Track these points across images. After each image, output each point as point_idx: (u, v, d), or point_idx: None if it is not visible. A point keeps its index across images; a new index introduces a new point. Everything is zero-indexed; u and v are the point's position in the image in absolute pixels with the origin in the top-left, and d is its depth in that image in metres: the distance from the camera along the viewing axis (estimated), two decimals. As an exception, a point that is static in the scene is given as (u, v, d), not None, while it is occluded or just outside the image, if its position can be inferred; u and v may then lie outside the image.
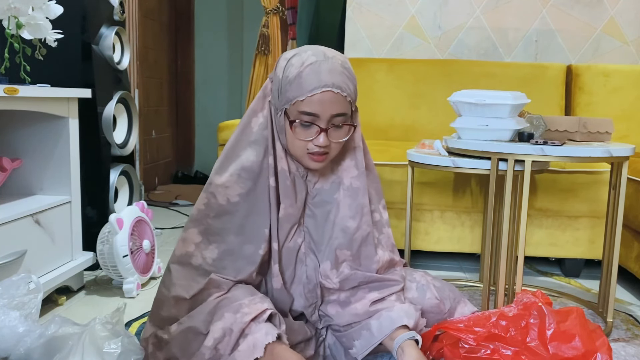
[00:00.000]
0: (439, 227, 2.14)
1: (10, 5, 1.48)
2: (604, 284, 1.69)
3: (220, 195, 1.17)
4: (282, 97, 1.11)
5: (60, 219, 1.73)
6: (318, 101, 1.07)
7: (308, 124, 1.10)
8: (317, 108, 1.08)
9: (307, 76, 1.07)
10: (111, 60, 2.07)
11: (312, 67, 1.08)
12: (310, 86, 1.07)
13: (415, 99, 2.61)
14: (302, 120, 1.10)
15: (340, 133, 1.13)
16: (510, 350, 1.27)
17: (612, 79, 2.57)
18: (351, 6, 2.85)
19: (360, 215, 1.21)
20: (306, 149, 1.13)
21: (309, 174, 1.22)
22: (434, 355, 1.35)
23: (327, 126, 1.10)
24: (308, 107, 1.08)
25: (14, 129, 1.75)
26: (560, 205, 2.04)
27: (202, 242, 1.18)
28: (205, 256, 1.18)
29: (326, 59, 1.09)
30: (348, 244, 1.21)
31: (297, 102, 1.08)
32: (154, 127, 3.96)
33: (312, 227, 1.23)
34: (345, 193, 1.21)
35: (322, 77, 1.07)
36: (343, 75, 1.09)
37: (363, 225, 1.22)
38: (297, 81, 1.08)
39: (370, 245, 1.23)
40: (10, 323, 1.20)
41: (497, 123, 1.55)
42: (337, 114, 1.10)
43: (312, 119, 1.09)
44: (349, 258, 1.22)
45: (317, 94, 1.06)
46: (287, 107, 1.11)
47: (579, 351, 1.23)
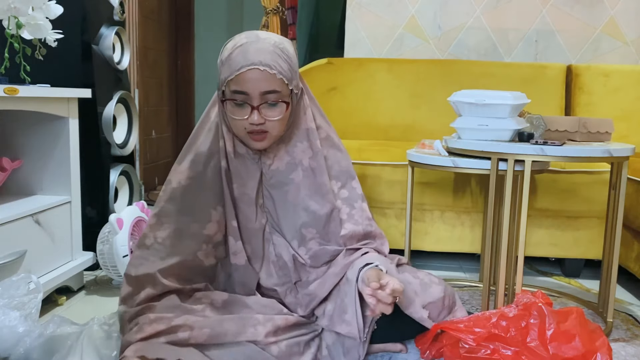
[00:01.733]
0: (439, 227, 2.14)
1: (10, 5, 1.48)
2: (604, 284, 1.69)
3: (174, 180, 1.23)
4: (219, 79, 1.16)
5: (60, 219, 1.73)
6: (246, 79, 1.11)
7: (241, 103, 1.14)
8: (245, 86, 1.12)
9: (236, 57, 1.12)
10: (111, 60, 2.07)
11: (241, 48, 1.12)
12: (238, 65, 1.11)
13: (415, 99, 2.61)
14: (234, 99, 1.13)
15: (274, 111, 1.16)
16: (510, 351, 1.27)
17: (612, 79, 2.57)
18: (351, 6, 2.85)
19: (321, 193, 1.25)
20: (245, 129, 1.16)
21: (263, 156, 1.25)
22: (434, 355, 1.35)
23: (258, 104, 1.13)
24: (237, 86, 1.12)
25: (14, 129, 1.75)
26: (560, 205, 2.04)
27: (155, 223, 1.24)
28: (157, 236, 1.23)
29: (257, 40, 1.14)
30: (313, 222, 1.25)
31: (229, 82, 1.13)
32: (154, 127, 3.95)
33: (272, 208, 1.27)
34: (304, 174, 1.25)
35: (248, 56, 1.11)
36: (273, 54, 1.13)
37: (326, 203, 1.25)
38: (227, 62, 1.13)
39: (335, 222, 1.27)
40: (10, 323, 1.20)
41: (497, 123, 1.55)
42: (268, 91, 1.13)
43: (244, 97, 1.13)
44: (315, 236, 1.26)
45: (243, 72, 1.11)
46: (223, 89, 1.15)
47: (579, 351, 1.23)
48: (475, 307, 1.79)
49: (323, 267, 1.29)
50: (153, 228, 1.25)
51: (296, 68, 1.20)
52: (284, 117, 1.18)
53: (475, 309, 1.75)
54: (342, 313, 1.22)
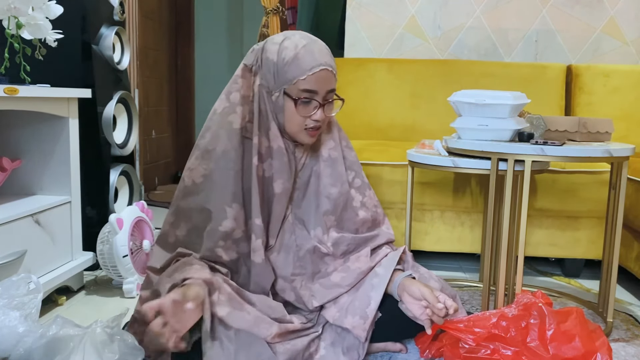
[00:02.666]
0: (439, 227, 2.14)
1: (10, 5, 1.48)
2: (604, 284, 1.69)
3: (187, 179, 1.26)
4: (280, 79, 1.20)
5: (60, 219, 1.73)
6: (316, 79, 1.18)
7: (308, 101, 1.20)
8: (315, 85, 1.19)
9: (304, 57, 1.18)
10: (111, 60, 2.07)
11: (305, 49, 1.18)
12: (309, 65, 1.17)
13: (415, 99, 2.61)
14: (303, 97, 1.20)
15: (331, 107, 1.26)
16: (510, 351, 1.27)
17: (612, 79, 2.57)
18: (351, 6, 2.85)
19: (340, 182, 1.33)
20: (304, 125, 1.23)
21: (296, 150, 1.31)
22: (434, 354, 1.35)
23: (323, 102, 1.21)
24: (308, 85, 1.18)
25: (14, 129, 1.75)
26: (560, 205, 2.04)
27: (174, 221, 1.27)
28: (177, 234, 1.26)
29: (314, 40, 1.22)
30: (332, 210, 1.32)
31: (298, 81, 1.18)
32: (154, 127, 3.96)
33: (298, 199, 1.32)
34: (325, 164, 1.32)
35: (316, 57, 1.18)
36: (330, 55, 1.22)
37: (343, 191, 1.33)
38: (296, 62, 1.18)
39: (351, 209, 1.35)
40: (10, 323, 1.20)
41: (497, 123, 1.55)
42: (330, 90, 1.21)
43: (311, 95, 1.20)
44: (333, 223, 1.33)
45: (315, 72, 1.17)
46: (286, 86, 1.20)
47: (579, 351, 1.23)
48: (475, 307, 1.79)
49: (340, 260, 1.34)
50: (173, 226, 1.27)
51: None
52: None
53: (475, 309, 1.75)
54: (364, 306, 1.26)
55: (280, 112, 1.23)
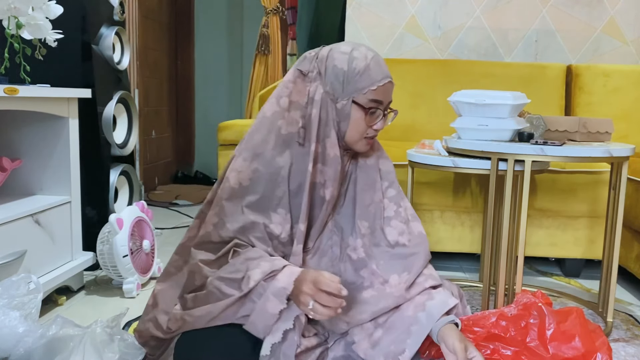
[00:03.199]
0: (439, 227, 2.14)
1: (10, 5, 1.48)
2: (604, 284, 1.69)
3: (232, 180, 1.24)
4: (350, 87, 1.22)
5: (60, 219, 1.73)
6: (384, 90, 1.23)
7: (374, 111, 1.24)
8: (382, 96, 1.23)
9: (374, 68, 1.22)
10: (111, 60, 2.07)
11: (374, 60, 1.23)
12: (379, 76, 1.22)
13: (415, 99, 2.61)
14: (372, 106, 1.24)
15: (388, 119, 1.29)
16: (510, 351, 1.27)
17: (612, 79, 2.57)
18: (351, 6, 2.85)
19: (373, 190, 1.33)
20: (365, 134, 1.26)
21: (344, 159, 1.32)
22: (434, 355, 1.35)
23: (386, 112, 1.27)
24: (377, 96, 1.22)
25: (14, 129, 1.75)
26: (560, 205, 2.04)
27: (218, 222, 1.24)
28: (222, 235, 1.23)
29: (378, 54, 1.26)
30: (364, 216, 1.32)
31: (370, 91, 1.22)
32: (154, 127, 3.96)
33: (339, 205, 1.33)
34: (360, 170, 1.34)
35: (384, 70, 1.23)
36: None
37: (376, 199, 1.33)
38: (368, 73, 1.21)
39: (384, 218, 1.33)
40: (10, 323, 1.20)
41: (497, 123, 1.55)
42: (390, 101, 1.27)
43: (377, 105, 1.24)
44: (367, 231, 1.32)
45: (385, 84, 1.23)
46: (355, 95, 1.23)
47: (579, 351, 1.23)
48: (475, 307, 1.79)
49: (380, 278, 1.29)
50: (217, 227, 1.24)
51: None
52: None
53: (475, 309, 1.75)
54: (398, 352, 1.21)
55: (344, 119, 1.25)
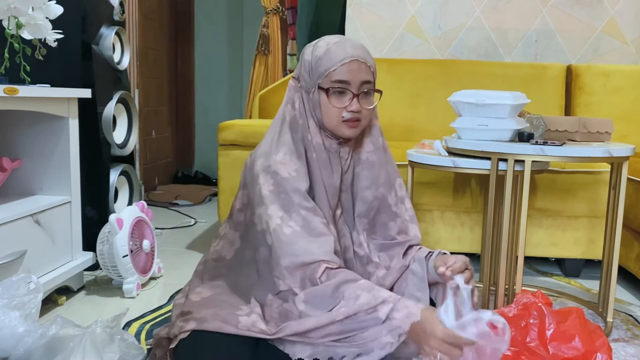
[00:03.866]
0: (439, 227, 2.14)
1: (10, 5, 1.48)
2: (604, 284, 1.69)
3: (282, 171, 1.24)
4: (314, 74, 1.25)
5: (60, 219, 1.73)
6: (348, 69, 1.21)
7: (342, 91, 1.23)
8: (347, 75, 1.22)
9: (335, 50, 1.22)
10: (111, 60, 2.07)
11: (337, 44, 1.24)
12: (339, 57, 1.21)
13: (415, 99, 2.61)
14: (336, 87, 1.23)
15: (369, 100, 1.27)
16: (510, 351, 1.27)
17: (612, 79, 2.57)
18: (351, 6, 2.85)
19: (376, 186, 1.33)
20: (341, 118, 1.25)
21: (341, 150, 1.31)
22: (434, 355, 1.35)
23: (358, 92, 1.23)
24: (340, 76, 1.21)
25: (14, 129, 1.75)
26: (560, 205, 2.04)
27: (284, 215, 1.22)
28: (292, 225, 1.21)
29: (348, 39, 1.27)
30: (365, 213, 1.32)
31: (330, 73, 1.22)
32: (154, 127, 3.96)
33: (345, 200, 1.33)
34: (363, 166, 1.33)
35: (347, 50, 1.22)
36: (365, 51, 1.26)
37: (378, 195, 1.33)
38: (327, 56, 1.23)
39: (384, 214, 1.34)
40: (10, 323, 1.20)
41: (497, 123, 1.55)
42: (365, 81, 1.24)
43: (345, 86, 1.22)
44: (366, 226, 1.33)
45: (346, 63, 1.21)
46: (320, 81, 1.23)
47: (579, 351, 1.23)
48: (475, 307, 1.79)
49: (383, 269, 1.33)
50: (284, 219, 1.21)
51: None
52: (373, 108, 1.30)
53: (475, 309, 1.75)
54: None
55: (317, 107, 1.26)
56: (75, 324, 1.25)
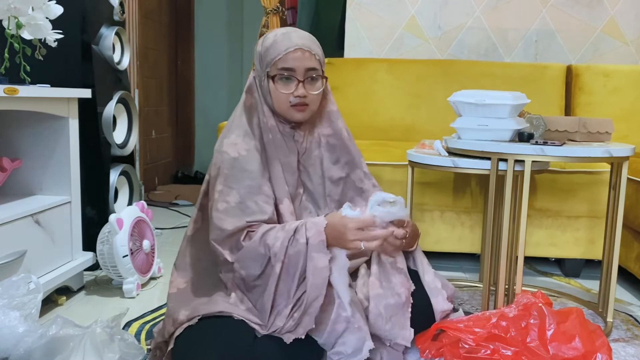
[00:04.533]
0: (439, 227, 2.14)
1: (10, 5, 1.48)
2: (604, 284, 1.69)
3: (231, 152, 1.34)
4: (264, 63, 1.34)
5: (60, 219, 1.73)
6: (292, 57, 1.30)
7: (288, 78, 1.32)
8: (292, 63, 1.30)
9: (281, 41, 1.32)
10: (111, 60, 2.07)
11: (284, 35, 1.33)
12: (285, 46, 1.30)
13: (415, 99, 2.61)
14: (282, 74, 1.31)
15: (315, 85, 1.34)
16: (510, 351, 1.27)
17: (612, 79, 2.57)
18: (351, 6, 2.85)
19: (341, 166, 1.43)
20: (289, 102, 1.33)
21: (295, 134, 1.40)
22: (434, 354, 1.35)
23: (303, 78, 1.31)
24: (285, 63, 1.30)
25: (14, 129, 1.75)
26: (560, 205, 2.04)
27: (223, 190, 1.31)
28: (229, 200, 1.30)
29: (295, 30, 1.35)
30: (334, 192, 1.42)
31: (276, 61, 1.31)
32: (154, 127, 3.95)
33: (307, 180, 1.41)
34: (324, 149, 1.42)
35: (292, 40, 1.31)
36: (310, 40, 1.34)
37: (343, 175, 1.43)
38: (274, 46, 1.32)
39: (351, 191, 1.44)
40: (10, 323, 1.20)
41: (497, 123, 1.55)
42: (310, 68, 1.32)
43: (290, 73, 1.31)
44: (337, 204, 1.41)
45: (290, 51, 1.30)
46: (269, 69, 1.32)
47: (579, 351, 1.23)
48: (475, 307, 1.79)
49: None
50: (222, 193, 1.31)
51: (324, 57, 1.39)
52: (320, 93, 1.36)
53: (475, 309, 1.75)
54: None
55: (267, 94, 1.34)
56: (75, 324, 1.25)
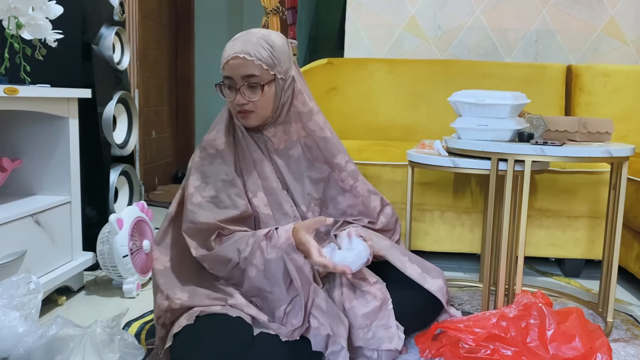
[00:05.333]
0: (439, 227, 2.14)
1: (10, 5, 1.48)
2: (604, 284, 1.69)
3: (209, 148, 1.37)
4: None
5: (60, 219, 1.73)
6: (230, 66, 1.31)
7: (228, 86, 1.33)
8: (229, 72, 1.32)
9: (225, 49, 1.33)
10: (111, 61, 2.07)
11: (231, 42, 1.33)
12: (225, 55, 1.32)
13: (415, 99, 2.61)
14: (224, 83, 1.34)
15: (254, 93, 1.32)
16: (510, 351, 1.27)
17: (612, 79, 2.57)
18: (351, 6, 2.85)
19: (318, 164, 1.43)
20: (236, 109, 1.34)
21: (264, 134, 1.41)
22: (434, 354, 1.35)
23: (239, 86, 1.31)
24: (225, 72, 1.33)
25: (14, 129, 1.75)
26: (560, 205, 2.04)
27: (200, 185, 1.35)
28: (204, 195, 1.33)
29: (247, 34, 1.34)
30: (315, 189, 1.43)
31: (221, 70, 1.33)
32: (154, 127, 3.95)
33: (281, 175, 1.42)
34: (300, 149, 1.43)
35: (234, 47, 1.31)
36: (256, 44, 1.31)
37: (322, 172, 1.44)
38: (222, 54, 1.33)
39: (332, 189, 1.45)
40: (10, 323, 1.20)
41: (497, 123, 1.55)
42: (247, 75, 1.30)
43: (230, 82, 1.33)
44: (317, 202, 1.44)
45: (229, 60, 1.30)
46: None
47: (579, 351, 1.23)
48: (475, 307, 1.79)
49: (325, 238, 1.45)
50: (199, 189, 1.34)
51: (283, 57, 1.35)
52: (267, 99, 1.34)
53: (475, 309, 1.75)
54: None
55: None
56: (75, 324, 1.25)
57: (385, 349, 1.29)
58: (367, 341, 1.28)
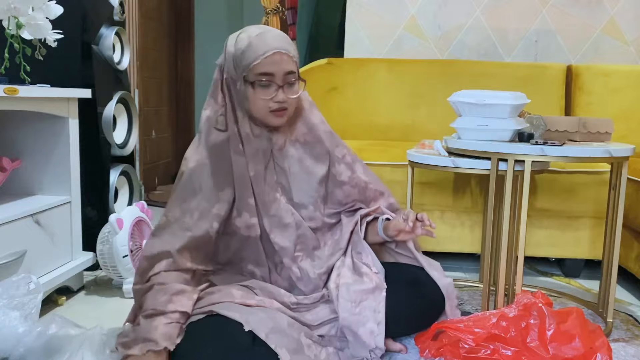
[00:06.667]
0: (439, 227, 2.14)
1: (10, 5, 1.47)
2: (604, 284, 1.69)
3: (183, 166, 1.38)
4: (239, 68, 1.29)
5: (60, 219, 1.73)
6: (271, 62, 1.26)
7: (267, 83, 1.28)
8: (271, 68, 1.26)
9: (257, 44, 1.26)
10: (111, 61, 2.07)
11: (259, 37, 1.27)
12: (262, 50, 1.26)
13: (415, 99, 2.61)
14: (261, 80, 1.27)
15: (293, 89, 1.32)
16: (510, 351, 1.27)
17: (612, 79, 2.57)
18: (351, 6, 2.84)
19: (321, 162, 1.43)
20: (268, 108, 1.30)
21: (273, 136, 1.39)
22: (434, 354, 1.35)
23: (282, 83, 1.28)
24: (264, 68, 1.26)
25: (14, 129, 1.75)
26: (560, 205, 2.04)
27: (170, 206, 1.35)
28: (169, 216, 1.34)
29: (269, 30, 1.31)
30: (317, 187, 1.42)
31: (254, 66, 1.26)
32: (154, 127, 3.95)
33: (285, 182, 1.41)
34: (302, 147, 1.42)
35: (269, 42, 1.26)
36: (286, 41, 1.30)
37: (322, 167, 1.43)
38: (250, 49, 1.27)
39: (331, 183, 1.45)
40: (10, 323, 1.20)
41: (497, 123, 1.55)
42: (289, 72, 1.29)
43: (269, 78, 1.27)
44: (320, 199, 1.43)
45: (269, 55, 1.25)
46: (245, 74, 1.28)
47: (579, 351, 1.23)
48: (475, 307, 1.79)
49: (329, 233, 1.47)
50: (168, 210, 1.35)
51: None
52: (297, 96, 1.34)
53: (475, 309, 1.75)
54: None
55: (245, 99, 1.31)
56: (75, 324, 1.25)
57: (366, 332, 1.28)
58: (353, 315, 1.28)
